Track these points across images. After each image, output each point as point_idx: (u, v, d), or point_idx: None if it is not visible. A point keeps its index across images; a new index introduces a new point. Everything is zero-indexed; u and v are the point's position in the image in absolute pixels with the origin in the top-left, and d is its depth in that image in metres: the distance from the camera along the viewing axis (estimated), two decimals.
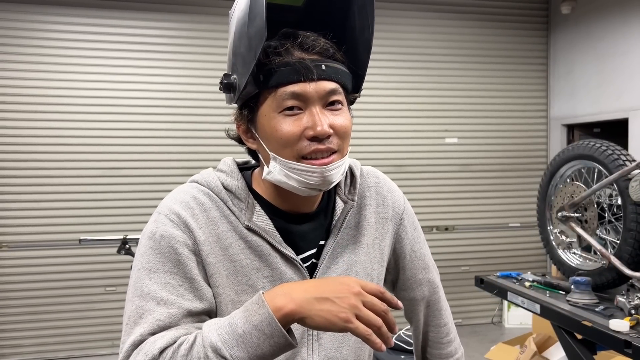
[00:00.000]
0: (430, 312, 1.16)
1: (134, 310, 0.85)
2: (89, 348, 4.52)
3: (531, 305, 2.51)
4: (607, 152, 2.42)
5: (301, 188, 0.90)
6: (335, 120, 0.90)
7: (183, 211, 0.91)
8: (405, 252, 1.10)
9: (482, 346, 4.43)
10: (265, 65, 0.88)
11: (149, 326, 0.83)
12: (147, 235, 0.90)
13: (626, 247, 2.29)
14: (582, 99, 4.99)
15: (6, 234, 4.38)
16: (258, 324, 0.78)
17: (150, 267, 0.87)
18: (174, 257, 0.87)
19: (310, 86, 0.87)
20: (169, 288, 0.86)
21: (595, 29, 4.81)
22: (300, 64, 0.87)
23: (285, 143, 0.88)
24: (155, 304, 0.84)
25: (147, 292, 0.85)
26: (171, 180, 4.57)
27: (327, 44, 0.90)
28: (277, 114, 0.88)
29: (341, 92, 0.91)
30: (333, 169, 0.90)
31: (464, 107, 5.22)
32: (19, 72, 4.36)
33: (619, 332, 1.99)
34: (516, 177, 5.38)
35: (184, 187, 0.97)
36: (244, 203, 0.95)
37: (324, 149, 0.88)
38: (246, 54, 0.88)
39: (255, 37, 0.85)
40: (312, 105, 0.88)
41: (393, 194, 1.09)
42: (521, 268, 4.84)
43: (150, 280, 0.86)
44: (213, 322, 0.82)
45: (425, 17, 5.12)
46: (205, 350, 0.77)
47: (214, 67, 4.66)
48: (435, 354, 1.17)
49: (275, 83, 0.87)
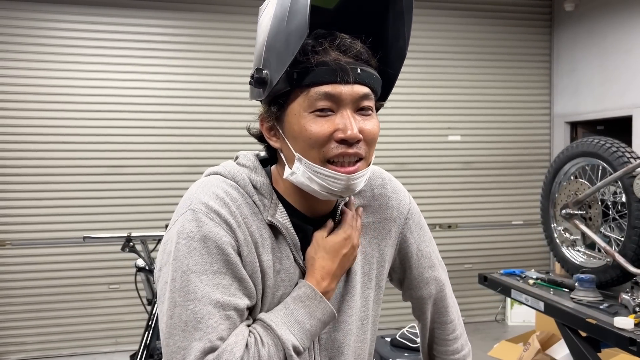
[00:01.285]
0: (437, 310, 1.16)
1: (189, 315, 0.82)
2: (92, 345, 4.53)
3: (535, 303, 2.51)
4: (612, 149, 2.41)
5: (323, 192, 0.90)
6: (365, 125, 0.89)
7: (221, 209, 0.88)
8: (412, 251, 1.10)
9: (486, 344, 4.43)
10: (301, 63, 0.87)
11: (214, 331, 0.82)
12: (187, 235, 0.86)
13: (630, 244, 2.29)
14: (586, 96, 4.97)
15: (10, 232, 4.39)
16: (321, 317, 0.91)
17: (199, 269, 0.84)
18: (223, 258, 0.85)
19: (345, 88, 0.86)
20: (221, 289, 0.84)
21: (599, 26, 4.80)
22: (338, 65, 0.86)
23: (314, 144, 0.87)
24: (212, 306, 0.83)
25: (202, 296, 0.83)
26: (175, 177, 4.57)
27: (363, 48, 0.90)
28: (308, 113, 0.87)
29: (372, 98, 0.91)
30: (358, 178, 0.89)
31: (467, 104, 5.21)
32: (22, 69, 4.37)
33: (624, 329, 1.99)
34: (519, 175, 5.36)
35: (211, 180, 0.94)
36: (267, 200, 0.94)
37: (351, 153, 0.88)
38: (283, 50, 0.86)
39: (295, 34, 0.83)
40: (344, 109, 0.88)
41: (398, 195, 1.09)
42: (525, 266, 4.83)
43: (201, 283, 0.83)
44: (279, 321, 0.88)
45: (429, 14, 5.11)
46: (287, 351, 0.86)
47: (219, 65, 4.67)
48: (441, 350, 1.17)
49: (309, 82, 0.86)
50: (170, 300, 0.84)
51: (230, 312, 0.84)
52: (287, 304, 0.91)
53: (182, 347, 0.82)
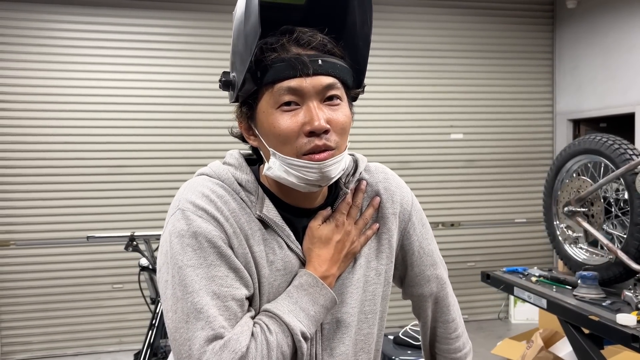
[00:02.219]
0: (438, 308, 1.16)
1: (190, 307, 0.85)
2: (97, 345, 4.55)
3: (538, 300, 2.51)
4: (614, 146, 2.41)
5: (300, 184, 0.91)
6: (332, 115, 0.90)
7: (207, 205, 0.90)
8: (414, 248, 1.10)
9: (489, 342, 4.43)
10: (262, 61, 0.89)
11: (215, 320, 0.84)
12: (179, 234, 0.88)
13: (633, 241, 2.29)
14: (588, 93, 4.97)
15: (14, 232, 4.41)
16: (324, 303, 0.94)
17: (194, 264, 0.87)
18: (215, 250, 0.88)
19: (306, 81, 0.88)
20: (217, 280, 0.87)
21: (601, 24, 4.79)
22: (296, 59, 0.87)
23: (285, 140, 0.89)
24: (210, 297, 0.85)
25: (199, 288, 0.86)
26: (177, 177, 4.59)
27: (324, 39, 0.91)
28: (275, 109, 0.89)
29: (340, 87, 0.92)
30: (331, 165, 0.90)
31: (470, 102, 5.21)
32: (25, 70, 4.38)
33: (626, 326, 1.99)
34: (522, 173, 5.36)
35: (197, 180, 0.97)
36: (254, 196, 0.96)
37: (321, 145, 0.88)
38: (243, 51, 0.89)
39: (251, 34, 0.86)
40: (309, 100, 0.89)
41: (401, 190, 1.10)
42: (528, 263, 4.83)
43: (197, 277, 0.86)
44: (285, 309, 0.91)
45: (430, 12, 5.11)
46: (295, 336, 0.89)
47: (220, 64, 4.67)
48: (443, 349, 1.18)
49: (271, 79, 0.88)
50: (172, 296, 0.87)
51: (230, 303, 0.87)
52: (291, 292, 0.93)
53: (187, 339, 0.84)
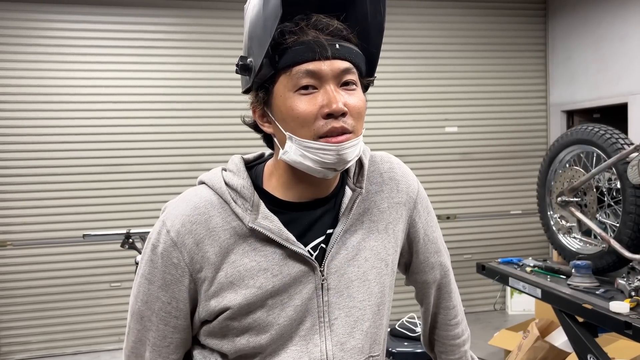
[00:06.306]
0: (440, 295, 1.17)
1: (136, 310, 0.99)
2: (96, 343, 4.56)
3: (532, 290, 2.53)
4: (605, 136, 2.43)
5: (317, 168, 0.91)
6: (349, 99, 0.91)
7: (183, 227, 0.93)
8: (419, 236, 1.11)
9: (486, 333, 4.46)
10: (281, 44, 0.89)
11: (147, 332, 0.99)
12: (151, 245, 0.96)
13: (626, 230, 2.31)
14: (581, 84, 4.98)
15: (10, 232, 4.41)
16: None
17: (149, 279, 0.96)
18: (167, 277, 0.95)
19: (325, 64, 0.89)
20: (159, 304, 0.96)
21: (593, 14, 4.80)
22: (315, 42, 0.88)
23: (303, 122, 0.89)
24: (152, 313, 0.97)
25: (147, 300, 0.97)
26: (173, 174, 4.58)
27: (340, 25, 0.92)
28: (293, 93, 0.89)
29: (355, 72, 0.93)
30: (348, 147, 0.90)
31: (464, 95, 5.22)
32: (20, 70, 4.37)
33: (620, 313, 2.01)
34: (517, 165, 5.38)
35: (192, 192, 0.99)
36: (248, 202, 0.95)
37: (338, 128, 0.89)
38: (262, 34, 0.89)
39: (271, 16, 0.86)
40: (327, 84, 0.89)
41: (407, 178, 1.09)
42: (523, 255, 4.86)
43: (148, 291, 0.97)
44: None
45: (423, 6, 5.11)
46: None
47: (218, 62, 4.67)
48: (443, 335, 1.19)
49: (290, 62, 0.89)
50: (136, 288, 0.99)
51: (161, 326, 0.97)
52: None
53: (130, 327, 1.01)
